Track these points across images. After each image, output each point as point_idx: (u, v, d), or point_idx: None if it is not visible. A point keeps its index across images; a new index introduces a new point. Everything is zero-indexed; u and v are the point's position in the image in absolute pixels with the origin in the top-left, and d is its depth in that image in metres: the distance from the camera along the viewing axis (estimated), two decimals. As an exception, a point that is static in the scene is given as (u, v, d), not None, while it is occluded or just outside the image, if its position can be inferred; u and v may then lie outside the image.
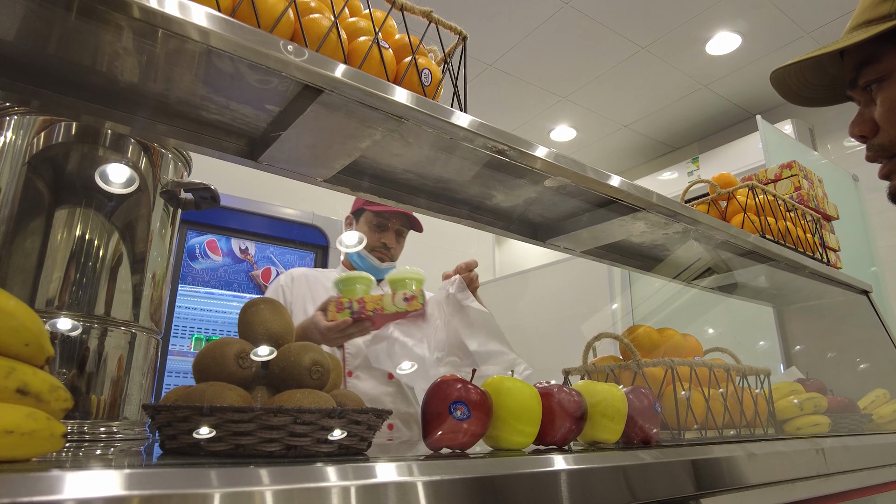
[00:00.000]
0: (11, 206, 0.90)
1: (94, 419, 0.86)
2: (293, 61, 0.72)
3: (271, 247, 2.99)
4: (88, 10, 0.67)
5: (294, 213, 3.02)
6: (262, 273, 2.95)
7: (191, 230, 2.77)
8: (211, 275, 2.83)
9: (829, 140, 3.77)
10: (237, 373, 0.63)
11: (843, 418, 1.39)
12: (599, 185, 1.05)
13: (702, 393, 1.01)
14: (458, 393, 0.67)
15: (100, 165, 0.96)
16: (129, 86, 0.85)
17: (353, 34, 0.88)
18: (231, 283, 2.87)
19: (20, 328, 0.48)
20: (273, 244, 2.99)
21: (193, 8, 0.67)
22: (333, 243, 3.12)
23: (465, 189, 1.18)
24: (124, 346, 0.92)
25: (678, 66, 3.52)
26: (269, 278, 2.95)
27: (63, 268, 0.88)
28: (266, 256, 2.98)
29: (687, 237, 1.41)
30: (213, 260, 2.84)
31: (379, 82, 0.79)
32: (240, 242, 2.93)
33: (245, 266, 2.93)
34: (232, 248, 2.91)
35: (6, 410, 0.45)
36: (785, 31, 3.22)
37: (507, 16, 3.10)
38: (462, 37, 0.95)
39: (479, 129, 0.89)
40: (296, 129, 0.87)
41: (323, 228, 3.07)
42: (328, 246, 3.07)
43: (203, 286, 2.80)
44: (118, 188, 0.97)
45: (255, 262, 2.95)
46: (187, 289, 2.76)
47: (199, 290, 2.79)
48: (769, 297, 2.10)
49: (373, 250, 1.73)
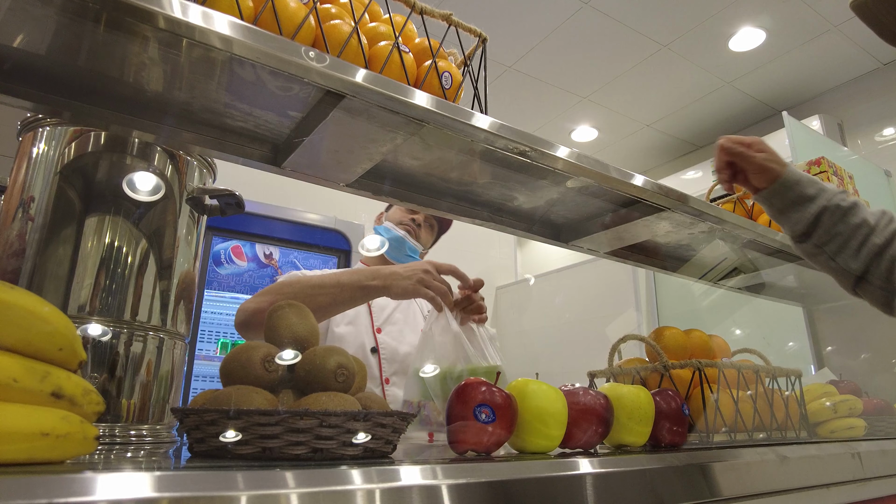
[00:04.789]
0: (45, 214, 0.93)
1: (124, 422, 0.87)
2: (315, 67, 0.73)
3: (295, 251, 3.03)
4: (116, 22, 0.68)
5: (317, 218, 3.04)
6: (285, 278, 2.98)
7: (216, 236, 2.81)
8: (236, 280, 2.87)
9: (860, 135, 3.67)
10: (263, 376, 0.63)
11: (880, 421, 1.35)
12: (623, 184, 1.04)
13: (730, 395, 0.99)
14: (482, 396, 0.66)
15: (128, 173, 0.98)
16: (155, 95, 0.86)
17: (374, 39, 0.88)
18: (256, 287, 2.90)
19: (54, 333, 0.49)
20: (296, 249, 3.02)
21: (216, 17, 0.68)
22: (356, 247, 3.14)
23: (487, 191, 1.18)
24: (153, 350, 0.94)
25: (701, 64, 3.47)
26: (292, 283, 2.98)
27: (94, 274, 0.90)
28: (290, 261, 3.01)
29: (713, 237, 1.39)
30: (238, 265, 2.89)
31: (399, 86, 0.79)
32: (264, 248, 2.96)
33: (269, 271, 2.96)
34: (256, 254, 2.95)
35: (42, 413, 0.46)
36: (811, 25, 3.15)
37: (525, 17, 3.09)
38: (482, 39, 0.95)
39: (499, 130, 0.89)
40: (318, 134, 0.88)
41: (345, 233, 3.09)
42: (350, 250, 3.09)
43: (228, 291, 2.84)
44: (145, 196, 0.99)
45: (279, 266, 2.99)
46: (213, 294, 2.81)
47: (224, 294, 2.84)
48: (798, 296, 2.05)
49: (400, 224, 1.62)
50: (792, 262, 1.53)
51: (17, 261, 0.89)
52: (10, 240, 0.92)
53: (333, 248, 3.07)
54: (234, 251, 2.87)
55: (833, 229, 1.01)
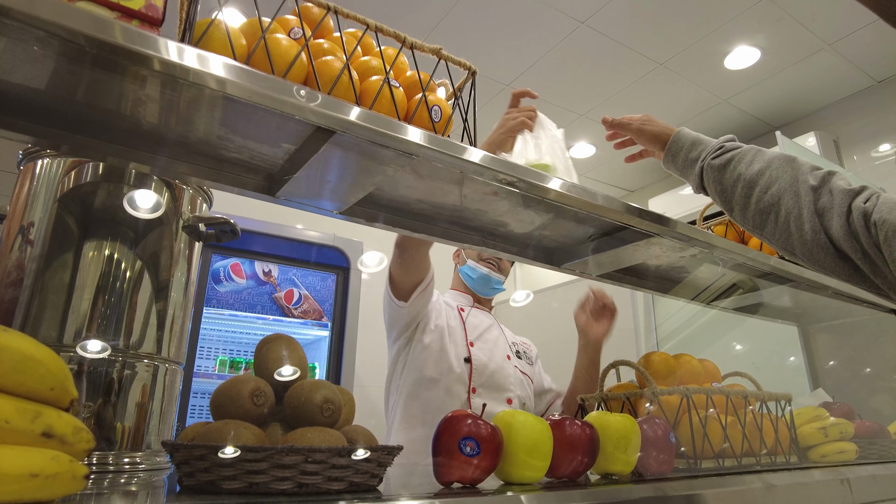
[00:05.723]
0: (42, 244, 0.95)
1: (118, 450, 0.88)
2: (306, 106, 0.75)
3: (294, 269, 3.04)
4: (113, 64, 0.71)
5: (316, 236, 3.06)
6: (284, 295, 2.99)
7: (215, 254, 2.83)
8: (235, 297, 2.88)
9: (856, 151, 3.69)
10: (252, 410, 0.65)
11: (872, 445, 1.35)
12: (610, 212, 1.06)
13: (718, 421, 1.00)
14: (467, 429, 0.67)
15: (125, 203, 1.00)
16: (152, 128, 0.88)
17: (365, 74, 0.90)
18: (255, 305, 2.92)
19: (46, 374, 0.51)
20: (295, 266, 3.04)
21: (211, 59, 0.70)
22: (354, 264, 3.16)
23: (479, 217, 1.20)
24: (148, 377, 0.95)
25: (697, 81, 3.51)
26: (291, 300, 3.00)
27: (90, 303, 0.92)
28: (289, 279, 3.03)
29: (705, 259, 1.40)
30: (237, 283, 2.90)
31: (389, 122, 0.81)
32: (263, 265, 2.98)
33: (268, 288, 2.98)
34: (255, 271, 2.97)
35: (31, 454, 0.47)
36: (805, 43, 3.19)
37: (523, 37, 3.13)
38: (471, 72, 0.97)
39: (489, 163, 0.91)
40: (311, 166, 0.90)
41: (344, 250, 3.11)
42: (349, 267, 3.11)
43: (227, 308, 2.86)
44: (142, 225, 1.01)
45: (277, 284, 3.00)
46: (212, 311, 2.82)
47: (223, 312, 2.85)
48: (793, 316, 2.06)
49: (481, 260, 1.79)
50: (783, 283, 1.54)
51: (15, 290, 0.91)
52: (8, 269, 0.94)
53: (332, 265, 3.09)
54: (233, 269, 2.89)
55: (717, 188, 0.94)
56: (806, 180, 0.83)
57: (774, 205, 0.85)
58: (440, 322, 1.68)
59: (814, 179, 0.83)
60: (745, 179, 0.90)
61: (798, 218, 0.81)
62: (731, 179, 0.92)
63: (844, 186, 0.80)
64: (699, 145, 1.02)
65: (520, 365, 1.76)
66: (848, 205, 0.77)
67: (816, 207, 0.80)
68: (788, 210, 0.83)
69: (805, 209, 0.81)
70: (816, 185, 0.82)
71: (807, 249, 0.81)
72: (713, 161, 0.96)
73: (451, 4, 2.88)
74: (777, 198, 0.85)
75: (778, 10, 2.94)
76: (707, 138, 1.04)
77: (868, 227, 0.75)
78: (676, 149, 1.05)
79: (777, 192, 0.85)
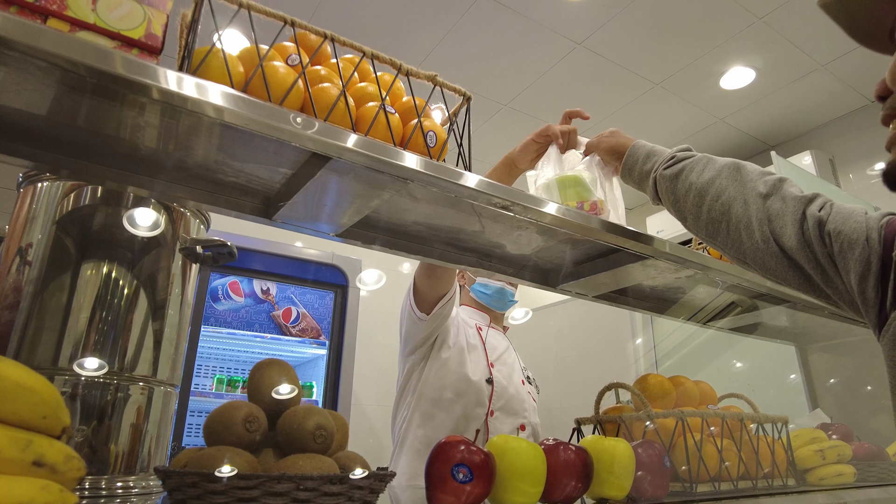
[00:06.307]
0: (40, 266, 0.95)
1: (110, 474, 0.88)
2: (303, 133, 0.76)
3: (292, 287, 3.05)
4: (112, 93, 0.72)
5: (314, 253, 3.07)
6: (282, 313, 2.99)
7: (213, 272, 2.84)
8: (233, 315, 2.88)
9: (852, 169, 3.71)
10: (245, 437, 0.65)
11: (871, 467, 1.34)
12: (604, 235, 1.06)
13: (714, 444, 1.00)
14: (460, 455, 0.67)
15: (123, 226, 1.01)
16: (150, 153, 0.90)
17: (361, 100, 0.92)
18: (253, 323, 2.92)
19: (39, 403, 0.51)
20: (294, 284, 3.04)
21: (209, 87, 0.72)
22: (353, 282, 3.16)
23: (475, 239, 1.21)
24: (142, 400, 0.95)
25: (693, 101, 3.54)
26: (289, 318, 2.99)
27: (85, 326, 0.92)
28: (287, 297, 3.03)
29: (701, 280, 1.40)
30: (235, 301, 2.90)
31: (385, 148, 0.82)
32: (261, 283, 2.98)
33: (266, 307, 2.98)
34: (254, 289, 2.97)
35: (21, 484, 0.47)
36: (799, 64, 3.23)
37: (521, 57, 3.17)
38: (466, 98, 0.98)
39: (485, 188, 0.92)
40: (307, 190, 0.91)
41: (342, 268, 3.12)
42: (348, 285, 3.11)
43: (225, 327, 2.85)
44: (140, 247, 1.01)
45: (275, 302, 3.00)
46: (210, 329, 2.82)
47: (221, 330, 2.85)
48: (791, 335, 2.06)
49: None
50: (780, 304, 1.54)
51: (11, 313, 0.91)
52: (5, 291, 0.95)
53: (331, 283, 3.09)
54: (231, 287, 2.89)
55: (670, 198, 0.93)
56: (755, 188, 0.82)
57: (725, 213, 0.83)
58: (459, 339, 1.64)
59: (763, 186, 0.81)
60: (696, 189, 0.88)
61: (748, 226, 0.80)
62: (683, 189, 0.90)
63: (797, 193, 0.79)
64: (653, 157, 1.01)
65: (531, 391, 1.74)
66: (802, 212, 0.76)
67: (768, 214, 0.78)
68: (738, 218, 0.81)
69: (754, 217, 0.79)
70: (766, 192, 0.80)
71: (759, 258, 0.80)
72: (665, 171, 0.95)
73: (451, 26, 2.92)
74: (727, 206, 0.83)
75: (772, 32, 2.98)
76: (662, 149, 1.02)
77: (822, 237, 0.74)
78: (632, 162, 1.03)
79: (727, 201, 0.83)
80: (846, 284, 0.71)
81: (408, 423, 1.56)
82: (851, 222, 0.72)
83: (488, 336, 1.73)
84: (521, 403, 1.63)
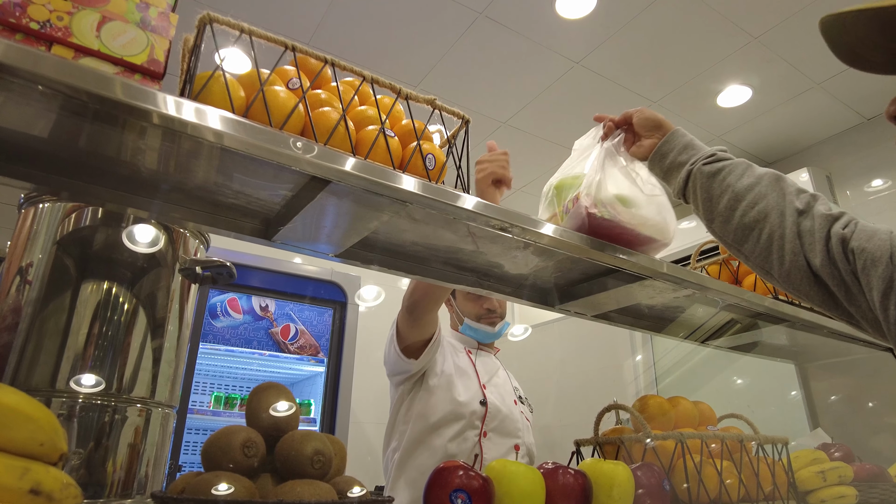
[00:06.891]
0: (40, 287, 0.95)
1: (107, 497, 0.88)
2: (302, 157, 0.76)
3: (291, 304, 3.04)
4: (113, 118, 0.73)
5: (313, 270, 3.07)
6: (281, 330, 2.98)
7: (212, 289, 2.84)
8: (231, 332, 2.88)
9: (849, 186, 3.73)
10: (243, 462, 0.65)
11: (872, 488, 1.33)
12: (602, 256, 1.07)
13: (714, 466, 0.99)
14: (459, 481, 0.67)
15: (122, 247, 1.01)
16: (151, 175, 0.90)
17: (361, 123, 0.93)
18: (251, 340, 2.91)
19: (37, 430, 0.51)
20: (292, 301, 3.04)
21: (209, 112, 0.72)
22: (352, 299, 3.16)
23: (473, 259, 1.21)
24: (140, 422, 0.95)
25: (690, 119, 3.57)
26: (287, 335, 2.99)
27: (83, 348, 0.92)
28: (286, 313, 3.03)
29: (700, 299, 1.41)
30: (233, 318, 2.90)
31: (384, 171, 0.83)
32: (260, 300, 2.98)
33: (265, 323, 2.97)
34: (252, 306, 2.97)
35: (19, 513, 0.47)
36: (795, 83, 3.26)
37: (519, 76, 3.20)
38: (465, 121, 0.99)
39: (482, 210, 0.92)
40: (307, 212, 0.92)
41: (341, 284, 3.12)
42: (346, 302, 3.11)
43: (223, 344, 2.84)
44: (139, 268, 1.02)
45: (274, 318, 3.00)
46: (208, 347, 2.81)
47: (219, 347, 2.84)
48: (791, 354, 2.06)
49: (479, 319, 1.75)
50: (778, 323, 1.54)
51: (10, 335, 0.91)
52: (4, 313, 0.95)
53: (329, 299, 3.09)
54: (230, 304, 2.89)
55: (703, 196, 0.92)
56: (792, 202, 0.82)
57: (759, 222, 0.84)
58: (446, 366, 1.63)
59: (800, 203, 0.82)
60: (733, 192, 0.88)
61: (781, 238, 0.81)
62: (720, 189, 0.90)
63: (825, 211, 0.80)
64: (691, 149, 0.99)
65: (524, 411, 1.73)
66: (827, 230, 0.77)
67: (799, 230, 0.79)
68: (773, 229, 0.82)
69: (788, 231, 0.80)
70: (802, 209, 0.81)
71: (784, 271, 0.80)
72: (704, 167, 0.94)
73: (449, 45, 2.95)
74: (763, 215, 0.84)
75: (768, 51, 3.02)
76: (700, 143, 1.02)
77: (846, 254, 0.74)
78: (668, 148, 1.01)
79: (763, 210, 0.84)
80: (869, 302, 0.72)
81: (402, 452, 1.55)
82: (875, 240, 0.73)
83: (478, 359, 1.73)
84: (514, 424, 1.62)
